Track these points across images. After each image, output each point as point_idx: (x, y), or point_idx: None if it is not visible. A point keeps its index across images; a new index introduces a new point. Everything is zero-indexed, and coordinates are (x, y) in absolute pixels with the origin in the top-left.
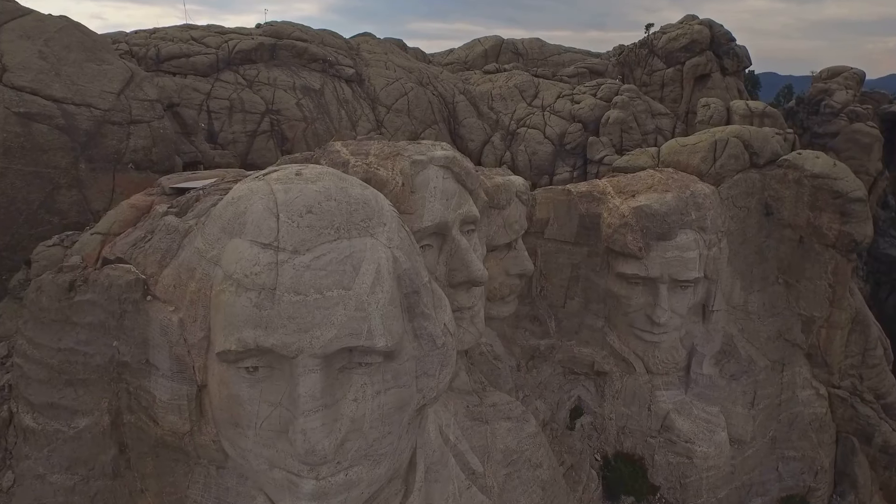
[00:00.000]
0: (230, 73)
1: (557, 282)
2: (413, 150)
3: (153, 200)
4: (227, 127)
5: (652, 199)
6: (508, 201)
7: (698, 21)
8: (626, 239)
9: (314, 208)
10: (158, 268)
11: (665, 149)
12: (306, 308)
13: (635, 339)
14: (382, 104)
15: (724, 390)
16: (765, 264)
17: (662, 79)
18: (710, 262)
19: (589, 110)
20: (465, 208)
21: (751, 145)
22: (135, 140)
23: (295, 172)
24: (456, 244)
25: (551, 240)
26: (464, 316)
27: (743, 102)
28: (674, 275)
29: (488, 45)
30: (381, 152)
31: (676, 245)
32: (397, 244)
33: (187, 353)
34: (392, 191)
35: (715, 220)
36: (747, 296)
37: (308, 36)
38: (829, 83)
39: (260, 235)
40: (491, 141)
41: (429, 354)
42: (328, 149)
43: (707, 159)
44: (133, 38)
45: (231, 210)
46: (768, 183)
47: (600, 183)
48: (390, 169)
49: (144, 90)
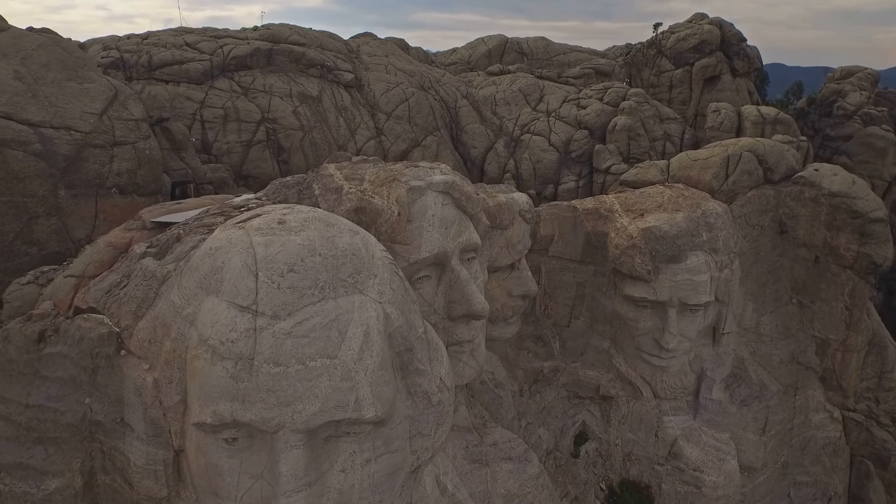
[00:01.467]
0: (225, 79)
1: (562, 301)
2: (410, 175)
3: (132, 237)
4: (221, 137)
5: (661, 220)
6: (511, 221)
7: (708, 21)
8: (634, 261)
9: (297, 266)
10: (133, 319)
11: (675, 162)
12: (287, 380)
13: (642, 363)
14: (382, 111)
15: (734, 416)
16: (778, 284)
17: (671, 80)
18: (722, 284)
19: (595, 116)
20: (466, 236)
21: (765, 160)
22: (118, 163)
23: (277, 220)
24: (455, 275)
25: (556, 257)
26: (463, 349)
27: (755, 108)
28: (684, 299)
29: (492, 45)
30: (376, 178)
31: (687, 268)
32: (389, 297)
33: (163, 416)
34: (387, 220)
35: (727, 241)
36: (759, 317)
37: (306, 39)
38: (843, 84)
39: (237, 296)
40: (494, 148)
41: (423, 413)
42: (321, 172)
43: (719, 175)
44: (124, 45)
45: (208, 263)
46: (783, 200)
47: (607, 199)
48: (386, 197)
49: (129, 109)
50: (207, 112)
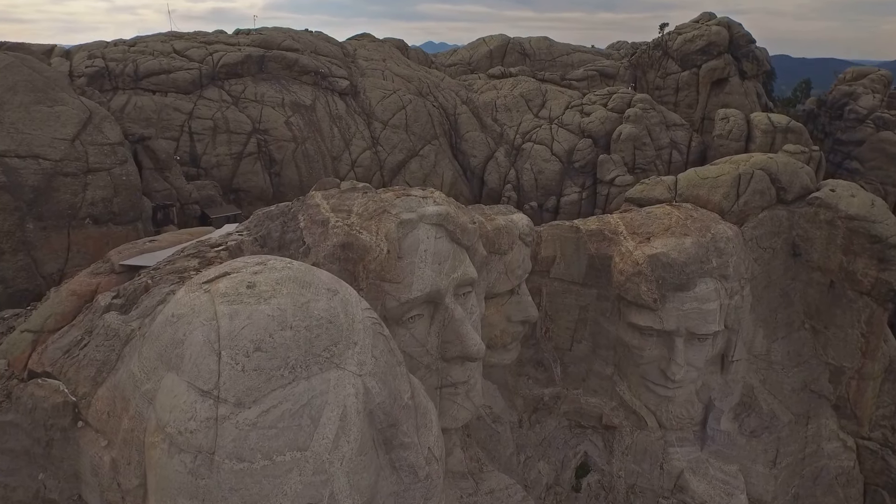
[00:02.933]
0: (214, 89)
1: (564, 324)
2: (401, 207)
3: (98, 283)
4: (210, 149)
5: (669, 246)
6: (510, 245)
7: (716, 21)
8: (640, 289)
9: (264, 343)
10: (92, 385)
11: (683, 180)
12: (252, 477)
13: (647, 392)
14: (378, 119)
15: (743, 448)
16: (790, 309)
17: (677, 83)
18: (732, 311)
19: (599, 124)
20: (461, 271)
21: (778, 179)
22: (93, 191)
23: (246, 283)
24: (450, 314)
25: (557, 279)
26: (458, 391)
27: (765, 116)
28: (692, 328)
29: (493, 46)
30: (364, 210)
31: (695, 296)
32: (370, 368)
33: (122, 499)
34: (376, 258)
35: (738, 267)
36: (770, 344)
37: (300, 44)
38: (854, 86)
39: (198, 378)
40: (495, 157)
41: (410, 488)
42: (307, 201)
43: (730, 195)
44: (110, 52)
45: (169, 333)
46: (797, 221)
47: (612, 220)
48: (374, 232)
49: (104, 132)
50: (196, 123)
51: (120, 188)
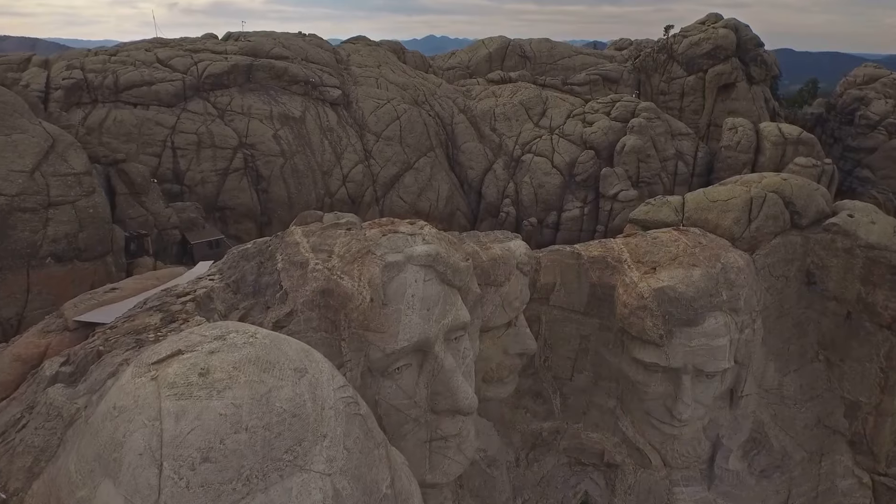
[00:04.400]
0: (199, 101)
1: (564, 353)
2: (387, 247)
3: (48, 345)
4: (194, 165)
5: (676, 278)
6: (508, 277)
7: (723, 23)
8: (645, 324)
9: (214, 451)
10: (27, 479)
11: (691, 202)
12: None
13: (651, 429)
14: (371, 131)
15: (753, 489)
16: (803, 339)
17: (682, 87)
18: (742, 346)
19: (602, 134)
20: (452, 315)
21: (792, 203)
22: (55, 227)
23: (199, 370)
24: (439, 364)
25: (557, 307)
26: (449, 445)
27: (775, 127)
28: (700, 365)
29: (493, 48)
30: (347, 251)
31: (704, 332)
32: (341, 464)
33: None
34: (358, 307)
35: (749, 300)
36: (782, 378)
37: (290, 51)
38: (865, 90)
39: (136, 494)
40: (493, 169)
41: None
42: (286, 239)
43: (741, 220)
44: (90, 63)
45: (109, 431)
46: (812, 248)
47: (615, 246)
48: (357, 277)
49: (69, 161)
50: (179, 138)
51: (86, 222)
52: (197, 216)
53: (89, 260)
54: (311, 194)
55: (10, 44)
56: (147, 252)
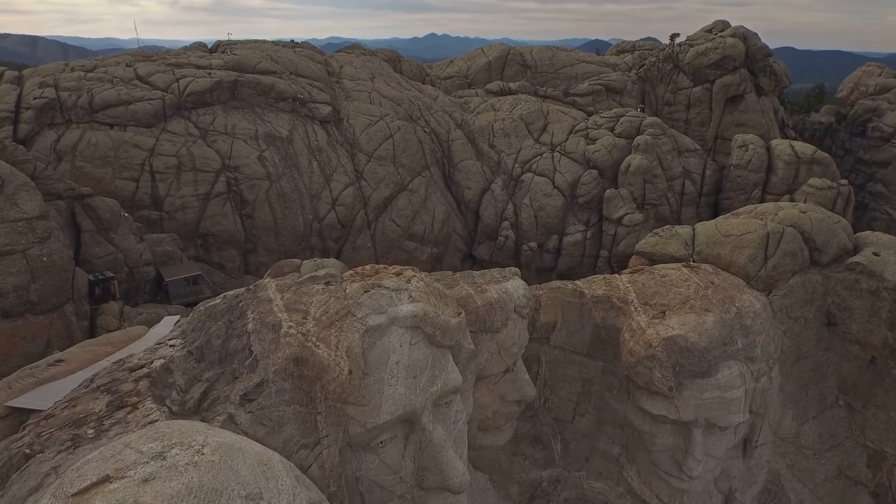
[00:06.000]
0: (180, 120)
1: (565, 395)
2: (368, 307)
3: None
4: (174, 190)
5: (688, 326)
6: (504, 322)
7: (731, 32)
8: (653, 375)
9: None
10: None
11: (702, 235)
12: None
13: (659, 481)
14: (363, 150)
15: None
16: (822, 384)
17: (689, 98)
18: (758, 395)
19: (606, 153)
20: (442, 381)
21: (812, 239)
22: (1, 279)
23: (142, 478)
24: (427, 437)
25: (558, 347)
26: None
27: (787, 145)
28: (712, 419)
29: (492, 56)
30: (324, 312)
31: (717, 383)
32: None
33: None
34: (335, 378)
35: (766, 347)
36: (800, 426)
37: (278, 65)
38: (878, 100)
39: None
40: (491, 189)
41: None
42: (258, 294)
43: (756, 258)
44: (64, 80)
45: None
46: (833, 288)
47: (621, 284)
48: (334, 345)
49: (20, 205)
50: (158, 161)
51: (39, 271)
52: (174, 249)
53: (44, 313)
54: (299, 219)
55: (11, 42)
56: (114, 296)
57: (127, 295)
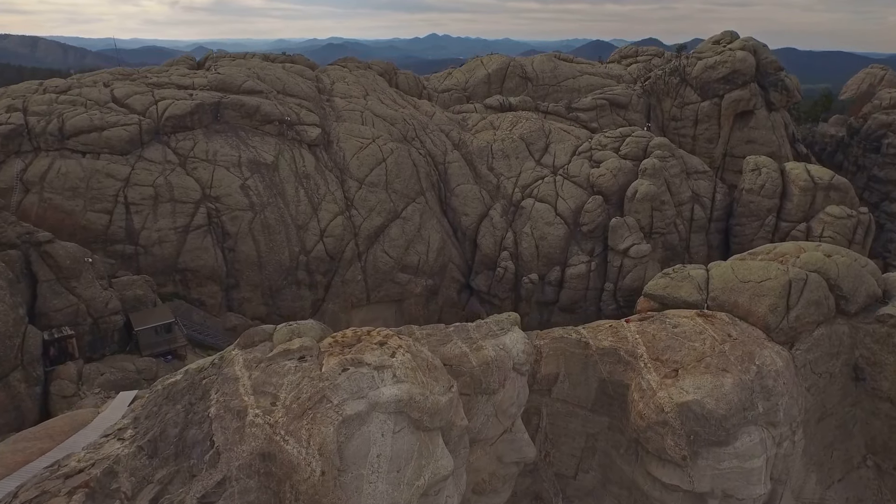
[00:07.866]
0: (158, 146)
1: (567, 450)
2: (347, 390)
3: None
4: (150, 222)
5: (704, 390)
6: (502, 383)
7: (740, 45)
8: (665, 442)
9: None
10: None
11: (717, 279)
12: None
13: None
14: (353, 176)
15: None
16: (848, 442)
17: (696, 114)
18: (780, 461)
19: (612, 177)
20: (431, 470)
21: (838, 287)
22: None
23: None
24: None
25: (561, 400)
26: None
27: (803, 170)
28: (730, 490)
29: (492, 69)
30: (294, 399)
31: (736, 452)
32: None
33: None
34: (306, 480)
35: (789, 410)
36: (825, 490)
37: (264, 84)
38: (893, 115)
39: None
40: (489, 215)
41: None
42: (224, 370)
43: (778, 308)
44: (34, 103)
45: None
46: (862, 340)
47: (629, 335)
48: (305, 440)
49: None
50: (133, 192)
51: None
52: (146, 292)
53: None
54: (285, 252)
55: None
56: (72, 356)
57: (92, 346)
